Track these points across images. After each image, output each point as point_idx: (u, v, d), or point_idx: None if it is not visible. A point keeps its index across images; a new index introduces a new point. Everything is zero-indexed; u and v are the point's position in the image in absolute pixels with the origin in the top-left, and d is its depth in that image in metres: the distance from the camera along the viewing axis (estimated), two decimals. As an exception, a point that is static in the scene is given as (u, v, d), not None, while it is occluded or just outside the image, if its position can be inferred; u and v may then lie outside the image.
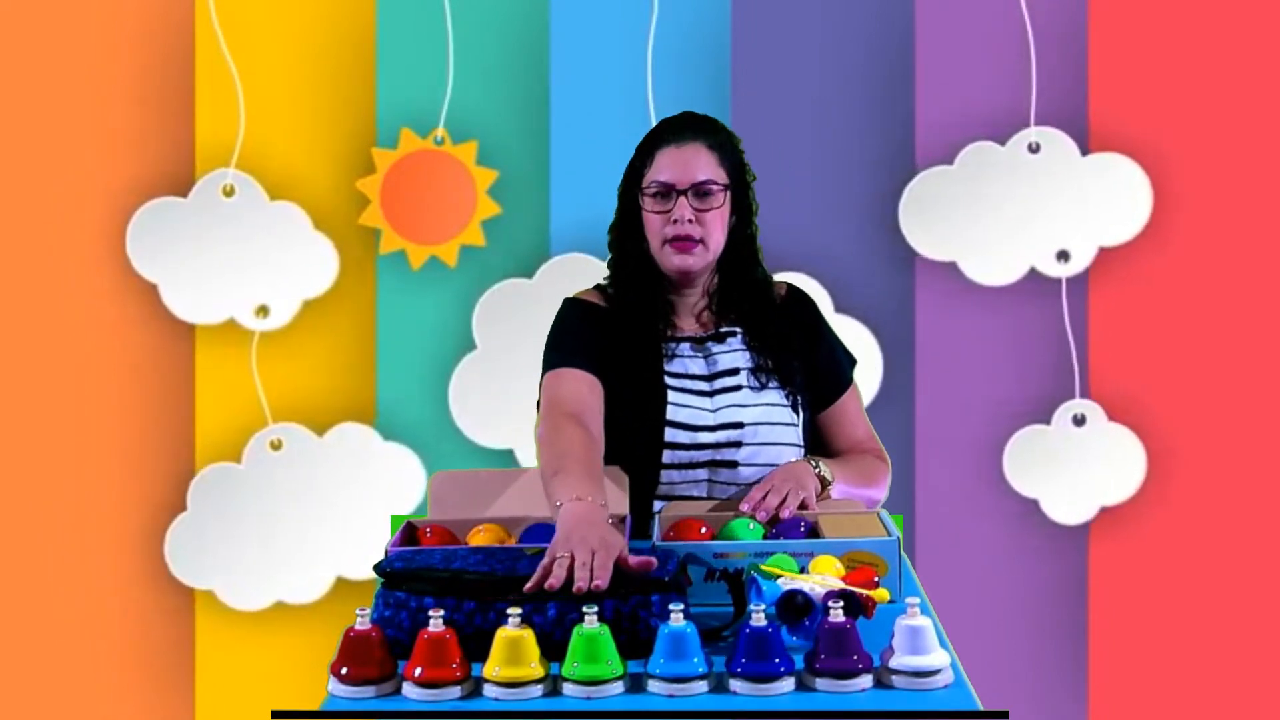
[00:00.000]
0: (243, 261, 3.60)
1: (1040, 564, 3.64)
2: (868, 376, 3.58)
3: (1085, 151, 3.57)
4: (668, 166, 2.47)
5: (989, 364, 3.63)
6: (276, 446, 3.62)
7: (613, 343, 2.49)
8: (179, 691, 3.67)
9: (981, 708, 1.73)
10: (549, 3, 3.61)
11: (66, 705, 3.66)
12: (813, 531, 2.25)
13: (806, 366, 2.57)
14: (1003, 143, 3.58)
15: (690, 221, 2.46)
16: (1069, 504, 3.61)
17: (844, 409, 2.62)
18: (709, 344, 2.54)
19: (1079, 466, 3.59)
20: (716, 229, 2.49)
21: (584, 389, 2.41)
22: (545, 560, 1.92)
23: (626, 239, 2.55)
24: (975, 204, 3.58)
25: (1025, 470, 3.61)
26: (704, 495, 2.47)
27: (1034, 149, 3.57)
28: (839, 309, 3.59)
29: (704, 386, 2.50)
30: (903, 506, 3.58)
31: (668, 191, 2.47)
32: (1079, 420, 3.59)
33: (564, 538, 1.96)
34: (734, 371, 2.51)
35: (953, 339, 3.62)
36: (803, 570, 2.02)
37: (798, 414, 2.52)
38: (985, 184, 3.58)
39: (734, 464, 2.47)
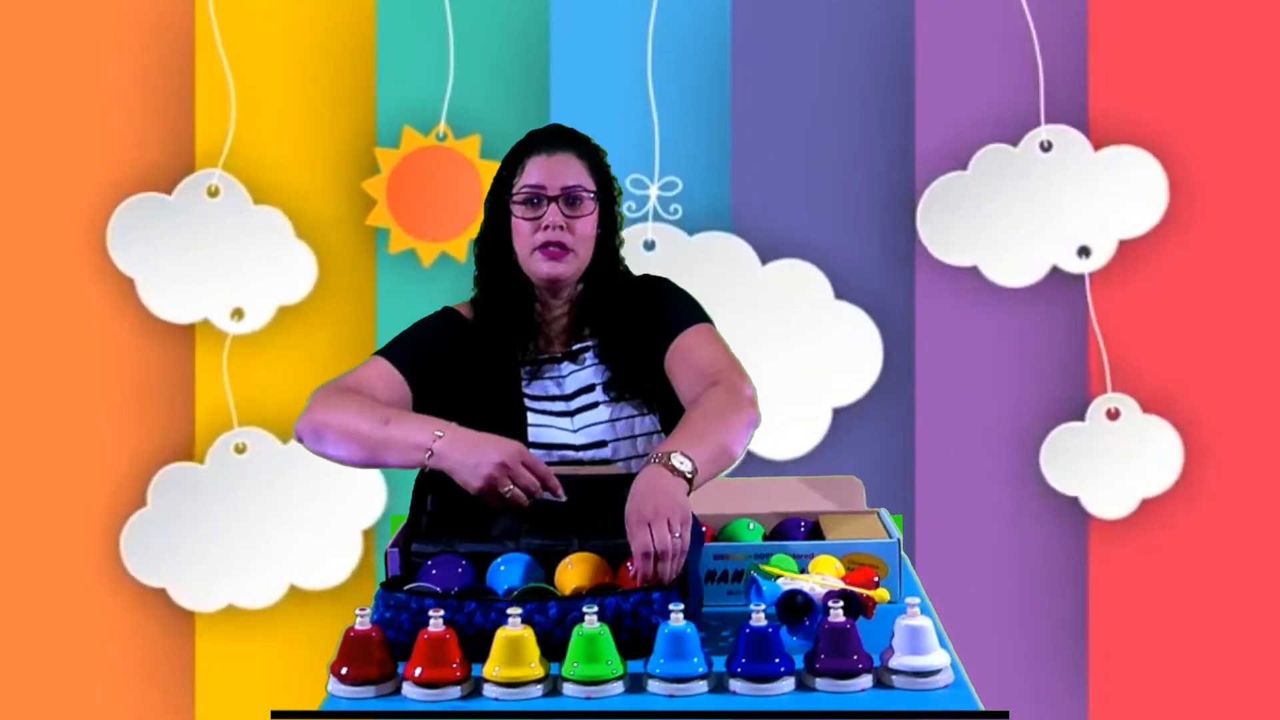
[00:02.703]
0: (221, 263, 3.58)
1: (1043, 563, 3.63)
2: (869, 376, 3.57)
3: (1095, 146, 3.57)
4: (539, 172, 2.45)
5: (1013, 365, 3.61)
6: (240, 450, 3.61)
7: (470, 364, 2.46)
8: (137, 689, 3.66)
9: (981, 708, 1.74)
10: (549, -1, 3.63)
11: (11, 692, 3.65)
12: (813, 532, 2.25)
13: (654, 348, 2.47)
14: (1014, 144, 3.57)
15: (561, 229, 2.43)
16: (1111, 498, 3.58)
17: (679, 345, 2.42)
18: (563, 364, 2.50)
19: (1121, 461, 3.57)
20: (586, 238, 2.46)
21: (380, 383, 2.38)
22: (499, 485, 2.08)
23: (494, 250, 2.50)
24: (992, 207, 3.57)
25: (1064, 467, 3.59)
26: None
27: (1046, 147, 3.57)
28: (840, 302, 3.60)
29: (563, 406, 2.47)
30: (903, 506, 3.58)
31: (538, 197, 2.44)
32: (1113, 414, 3.58)
33: (481, 454, 2.11)
34: (589, 389, 2.48)
35: (976, 343, 3.60)
36: (803, 570, 2.02)
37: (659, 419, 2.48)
38: (1001, 186, 3.57)
39: None
